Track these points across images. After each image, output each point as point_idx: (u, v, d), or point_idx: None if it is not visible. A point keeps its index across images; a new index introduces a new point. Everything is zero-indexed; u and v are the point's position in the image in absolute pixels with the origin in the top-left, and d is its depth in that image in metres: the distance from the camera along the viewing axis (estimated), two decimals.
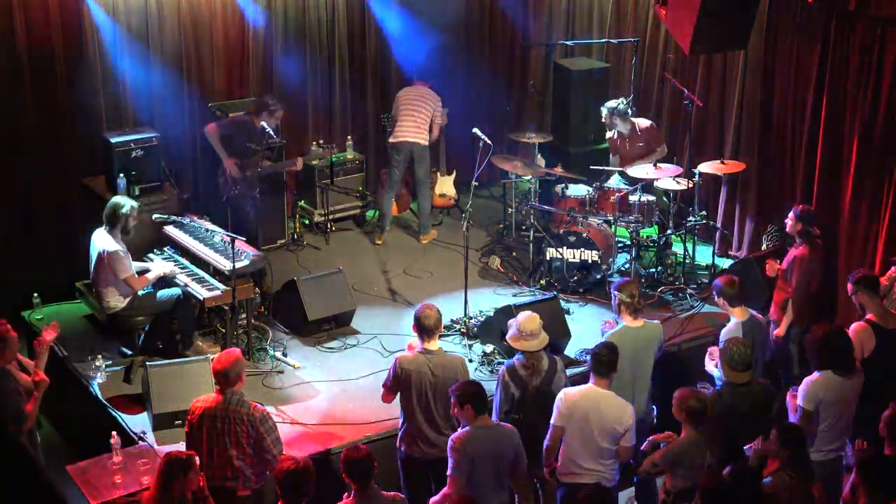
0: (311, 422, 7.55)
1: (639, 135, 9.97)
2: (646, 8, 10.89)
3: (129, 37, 9.54)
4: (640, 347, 6.97)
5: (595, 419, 6.23)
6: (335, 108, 10.99)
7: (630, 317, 7.04)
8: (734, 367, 6.46)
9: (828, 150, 9.10)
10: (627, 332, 6.99)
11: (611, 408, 6.26)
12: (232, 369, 6.17)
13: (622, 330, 7.02)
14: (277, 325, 8.78)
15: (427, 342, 6.60)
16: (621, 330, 7.03)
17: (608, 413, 6.24)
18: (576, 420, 6.25)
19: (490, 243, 10.44)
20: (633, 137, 9.99)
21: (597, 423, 6.22)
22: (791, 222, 8.05)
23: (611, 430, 6.22)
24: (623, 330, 7.02)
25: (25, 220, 9.31)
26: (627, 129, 9.96)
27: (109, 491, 6.50)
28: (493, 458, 5.99)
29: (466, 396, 6.03)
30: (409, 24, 10.81)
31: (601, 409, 6.24)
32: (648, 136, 9.97)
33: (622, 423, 6.23)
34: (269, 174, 9.61)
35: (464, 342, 8.55)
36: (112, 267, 7.69)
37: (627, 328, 7.02)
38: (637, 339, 6.98)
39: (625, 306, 7.02)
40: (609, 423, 6.22)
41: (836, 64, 8.92)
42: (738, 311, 7.22)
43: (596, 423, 6.22)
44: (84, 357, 8.11)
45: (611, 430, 6.22)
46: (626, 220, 9.46)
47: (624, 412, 6.26)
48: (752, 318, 7.24)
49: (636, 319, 7.05)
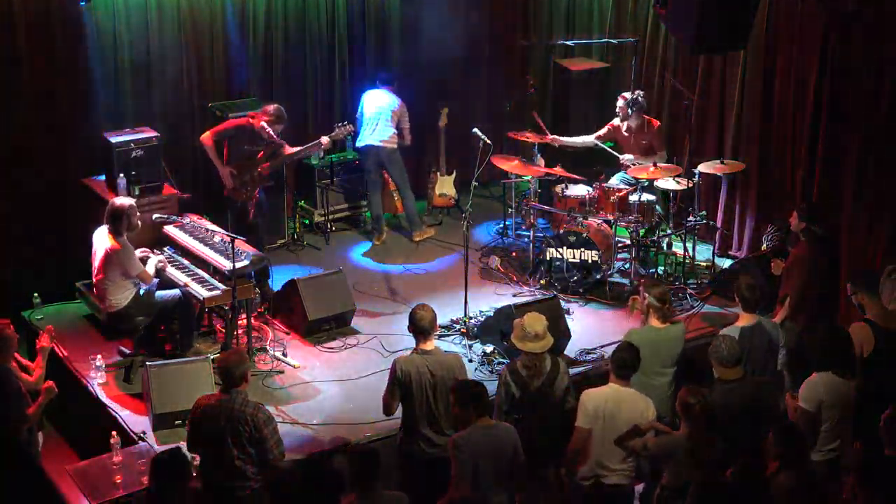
0: (311, 422, 7.55)
1: (646, 132, 9.96)
2: (646, 8, 10.89)
3: (129, 37, 9.54)
4: (664, 348, 7.01)
5: (622, 418, 6.29)
6: (335, 108, 10.98)
7: (658, 321, 7.07)
8: (723, 363, 6.46)
9: (828, 150, 9.10)
10: (650, 332, 7.04)
11: (634, 405, 6.35)
12: (237, 369, 6.16)
13: (646, 329, 7.07)
14: (277, 325, 8.78)
15: (423, 343, 6.60)
16: (645, 329, 7.08)
17: (632, 411, 6.32)
18: (604, 420, 6.29)
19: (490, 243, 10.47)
20: (639, 134, 9.97)
21: (623, 422, 6.29)
22: (795, 220, 8.03)
23: (636, 421, 6.30)
24: (647, 329, 7.07)
25: (25, 220, 9.31)
26: (637, 123, 9.95)
27: (109, 491, 6.51)
28: (493, 457, 5.99)
29: (468, 397, 6.03)
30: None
31: (625, 409, 6.31)
32: (653, 137, 9.96)
33: (645, 418, 6.32)
34: (295, 160, 9.69)
35: (464, 342, 8.55)
36: (122, 264, 7.68)
37: (651, 328, 7.07)
38: (660, 340, 7.02)
39: (654, 310, 7.05)
40: (634, 420, 6.30)
41: (836, 64, 8.92)
42: (746, 316, 7.15)
43: (623, 422, 6.29)
44: (84, 357, 8.10)
45: (636, 421, 6.30)
46: (626, 220, 9.47)
47: (647, 408, 6.36)
48: (759, 327, 7.12)
49: (662, 323, 7.08)
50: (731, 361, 6.45)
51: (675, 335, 7.13)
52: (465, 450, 5.92)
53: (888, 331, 6.96)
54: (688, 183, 9.62)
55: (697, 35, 8.46)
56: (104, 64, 9.45)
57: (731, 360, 6.45)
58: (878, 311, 7.06)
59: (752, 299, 7.11)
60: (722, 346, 6.48)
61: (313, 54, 10.68)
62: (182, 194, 9.19)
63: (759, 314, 7.19)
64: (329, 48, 10.78)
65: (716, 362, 6.51)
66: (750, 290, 7.12)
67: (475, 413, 6.00)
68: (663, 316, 7.07)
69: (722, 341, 6.53)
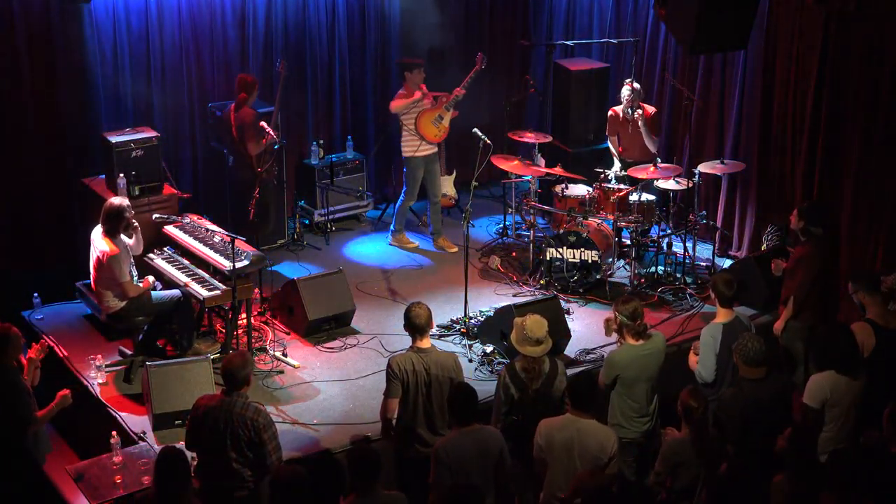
0: (311, 422, 7.55)
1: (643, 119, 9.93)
2: (646, 8, 10.89)
3: (129, 37, 9.55)
4: (645, 365, 6.82)
5: (577, 449, 6.02)
6: (335, 108, 10.98)
7: (632, 339, 6.84)
8: (749, 363, 6.40)
9: (828, 150, 9.10)
10: (630, 351, 6.82)
11: (593, 436, 6.04)
12: (240, 371, 6.14)
13: (625, 349, 6.85)
14: (277, 325, 8.78)
15: (419, 341, 6.59)
16: (624, 349, 6.85)
17: (590, 442, 6.02)
18: (557, 451, 6.06)
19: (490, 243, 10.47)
20: (636, 122, 9.97)
21: (579, 454, 6.01)
22: (795, 219, 8.03)
23: (594, 458, 6.00)
24: (626, 348, 6.85)
25: (25, 221, 9.31)
26: (638, 111, 9.95)
27: (109, 491, 6.50)
28: (478, 462, 5.97)
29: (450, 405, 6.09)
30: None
31: (582, 439, 6.02)
32: (648, 124, 9.93)
33: (605, 451, 6.02)
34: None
35: (464, 342, 8.55)
36: (111, 269, 7.66)
37: (630, 346, 6.83)
38: (642, 357, 6.82)
39: (627, 329, 6.81)
40: (592, 451, 6.02)
41: (836, 64, 8.92)
42: (724, 312, 7.12)
43: (578, 454, 6.01)
44: (84, 357, 8.09)
45: (594, 458, 6.00)
46: (626, 220, 9.47)
47: (607, 440, 6.05)
48: (737, 321, 7.11)
49: (637, 340, 6.86)
50: (757, 362, 6.39)
51: (655, 348, 6.88)
52: (444, 456, 5.90)
53: (888, 330, 6.97)
54: (688, 183, 9.62)
55: (697, 35, 8.47)
56: (104, 64, 9.45)
57: (757, 360, 6.38)
58: (878, 310, 7.07)
59: (729, 295, 7.08)
60: (749, 347, 6.40)
61: (313, 54, 10.68)
62: (182, 194, 9.19)
63: (757, 311, 7.20)
64: (329, 48, 10.77)
65: (741, 362, 6.44)
66: (727, 285, 7.08)
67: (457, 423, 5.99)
68: (636, 333, 6.80)
69: (749, 341, 6.44)
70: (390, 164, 11.39)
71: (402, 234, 10.49)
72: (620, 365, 6.79)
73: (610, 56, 11.42)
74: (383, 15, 10.97)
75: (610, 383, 6.84)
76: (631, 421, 6.83)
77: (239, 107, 9.28)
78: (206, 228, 8.41)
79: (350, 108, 11.11)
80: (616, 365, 6.81)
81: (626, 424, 6.82)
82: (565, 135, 10.80)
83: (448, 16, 11.10)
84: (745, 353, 6.42)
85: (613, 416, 6.86)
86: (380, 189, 11.46)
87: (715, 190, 10.31)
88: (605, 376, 6.85)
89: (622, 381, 6.80)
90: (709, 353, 7.03)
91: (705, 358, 7.04)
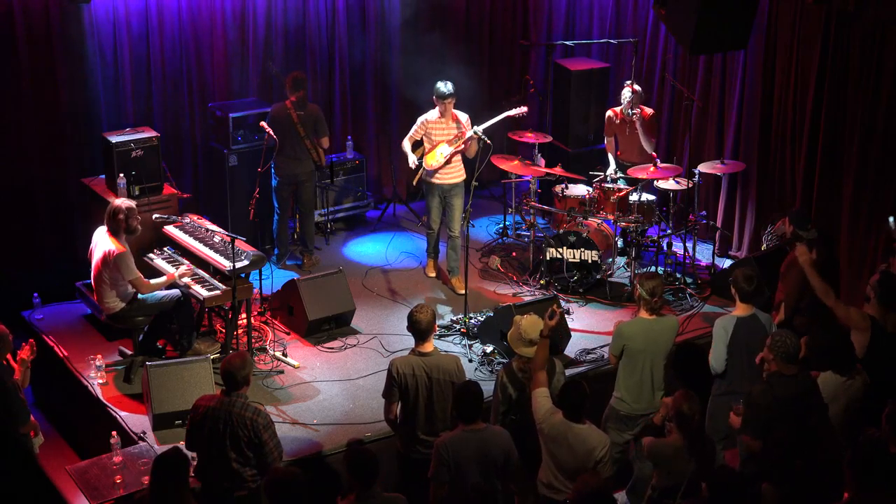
0: (311, 422, 7.55)
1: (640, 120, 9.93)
2: (646, 8, 10.89)
3: (129, 37, 9.55)
4: (652, 339, 6.95)
5: (566, 450, 6.07)
6: (335, 109, 10.98)
7: (647, 313, 7.01)
8: (786, 359, 6.32)
9: (828, 151, 9.10)
10: (640, 323, 7.00)
11: (582, 442, 6.05)
12: (240, 372, 6.14)
13: (636, 320, 7.04)
14: (277, 324, 8.78)
15: (421, 344, 6.58)
16: (635, 321, 7.05)
17: (578, 447, 6.04)
18: (550, 442, 6.13)
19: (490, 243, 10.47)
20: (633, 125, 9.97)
21: (569, 455, 6.06)
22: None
23: (583, 461, 6.03)
24: (637, 320, 7.04)
25: (25, 221, 9.32)
26: (636, 113, 9.94)
27: (109, 491, 6.51)
28: (479, 461, 5.97)
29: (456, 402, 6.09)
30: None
31: (571, 443, 6.05)
32: (645, 126, 9.93)
33: (593, 456, 6.02)
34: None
35: (464, 342, 8.55)
36: (118, 268, 7.67)
37: (642, 319, 7.02)
38: (648, 331, 6.96)
39: (643, 302, 6.99)
40: (580, 455, 6.04)
41: (836, 64, 8.92)
42: (743, 307, 7.09)
43: (568, 455, 6.07)
44: (84, 357, 8.10)
45: (583, 461, 6.03)
46: (626, 220, 9.47)
47: (596, 445, 6.05)
48: (753, 319, 7.08)
49: (651, 315, 7.03)
50: (794, 358, 6.35)
51: (667, 326, 7.05)
52: (445, 453, 5.91)
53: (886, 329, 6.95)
54: (688, 183, 9.62)
55: (697, 35, 8.47)
56: (104, 64, 9.46)
57: (794, 356, 6.34)
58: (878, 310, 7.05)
59: (749, 290, 7.06)
60: (787, 343, 6.32)
61: (313, 55, 10.68)
62: (182, 194, 9.19)
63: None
64: (329, 48, 10.77)
65: (780, 358, 6.34)
66: (747, 280, 7.04)
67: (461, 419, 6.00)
68: (651, 309, 6.98)
69: (786, 337, 6.36)
70: (390, 164, 11.37)
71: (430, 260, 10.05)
72: (627, 334, 6.90)
73: (610, 56, 11.42)
74: (383, 15, 10.97)
75: (618, 355, 6.98)
76: (633, 394, 6.93)
77: (301, 104, 9.47)
78: (206, 228, 8.41)
79: (350, 109, 11.10)
80: (623, 334, 6.94)
81: (627, 399, 6.96)
82: (565, 135, 10.80)
83: (448, 16, 11.09)
84: (784, 349, 6.33)
85: (617, 387, 7.04)
86: (379, 189, 11.45)
87: (715, 190, 10.31)
88: (614, 347, 7.02)
89: (627, 351, 6.94)
90: (719, 343, 7.02)
91: (716, 348, 7.04)
